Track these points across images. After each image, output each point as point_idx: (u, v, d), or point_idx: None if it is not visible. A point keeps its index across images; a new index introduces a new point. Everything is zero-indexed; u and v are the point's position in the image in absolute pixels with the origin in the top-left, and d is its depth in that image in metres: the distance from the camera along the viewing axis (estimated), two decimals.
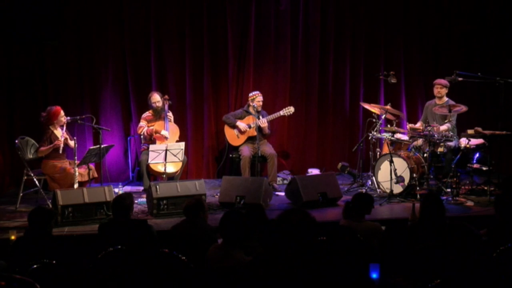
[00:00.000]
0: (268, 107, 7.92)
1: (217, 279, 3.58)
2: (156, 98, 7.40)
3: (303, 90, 8.43)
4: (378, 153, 7.28)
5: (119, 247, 3.87)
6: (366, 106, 7.48)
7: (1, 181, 7.42)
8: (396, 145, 7.23)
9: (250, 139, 7.58)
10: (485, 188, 6.79)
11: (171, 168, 7.09)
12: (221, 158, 8.17)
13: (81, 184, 6.49)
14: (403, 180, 6.77)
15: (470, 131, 6.89)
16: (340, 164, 8.07)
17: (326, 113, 8.53)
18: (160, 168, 7.06)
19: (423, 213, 4.31)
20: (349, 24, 8.42)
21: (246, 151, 7.44)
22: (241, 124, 7.58)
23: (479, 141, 7.02)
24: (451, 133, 6.85)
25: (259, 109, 7.63)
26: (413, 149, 7.18)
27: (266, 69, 8.30)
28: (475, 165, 6.97)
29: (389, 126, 7.33)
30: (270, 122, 7.62)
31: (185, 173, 7.90)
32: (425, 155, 6.94)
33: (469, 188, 6.95)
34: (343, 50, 8.44)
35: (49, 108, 6.74)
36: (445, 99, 7.33)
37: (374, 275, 3.22)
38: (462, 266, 3.10)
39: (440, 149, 6.97)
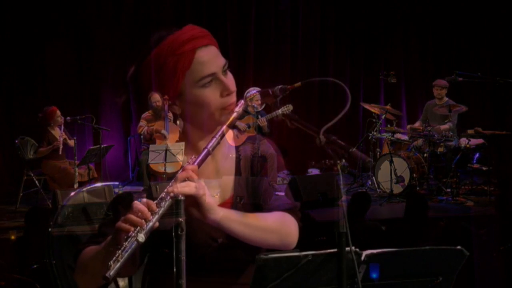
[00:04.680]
0: (268, 107, 7.91)
1: (217, 279, 3.57)
2: (156, 98, 7.37)
3: (303, 90, 8.43)
4: (378, 153, 7.28)
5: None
6: (366, 106, 7.48)
7: (1, 181, 7.42)
8: (396, 145, 7.22)
9: (250, 139, 7.55)
10: (485, 188, 6.78)
11: (171, 168, 7.08)
12: None
13: (81, 184, 6.49)
14: (403, 180, 6.77)
15: (470, 131, 6.89)
16: (340, 164, 8.05)
17: (326, 113, 8.53)
18: (160, 168, 7.05)
19: (406, 212, 4.56)
20: (349, 24, 8.42)
21: (245, 151, 7.42)
22: (241, 124, 7.57)
23: (479, 141, 7.02)
24: (451, 133, 6.85)
25: (259, 108, 7.62)
26: (413, 149, 7.19)
27: (266, 69, 8.30)
28: (475, 165, 6.97)
29: (389, 126, 7.33)
30: (270, 121, 7.62)
31: None
32: (425, 155, 6.94)
33: (469, 188, 6.96)
34: (343, 50, 8.44)
35: (45, 108, 6.72)
36: (445, 99, 7.33)
37: (374, 275, 3.22)
38: (462, 266, 3.10)
39: (440, 149, 6.97)
